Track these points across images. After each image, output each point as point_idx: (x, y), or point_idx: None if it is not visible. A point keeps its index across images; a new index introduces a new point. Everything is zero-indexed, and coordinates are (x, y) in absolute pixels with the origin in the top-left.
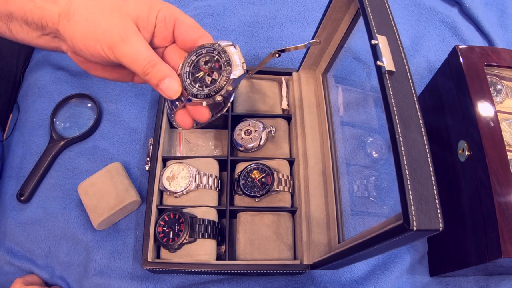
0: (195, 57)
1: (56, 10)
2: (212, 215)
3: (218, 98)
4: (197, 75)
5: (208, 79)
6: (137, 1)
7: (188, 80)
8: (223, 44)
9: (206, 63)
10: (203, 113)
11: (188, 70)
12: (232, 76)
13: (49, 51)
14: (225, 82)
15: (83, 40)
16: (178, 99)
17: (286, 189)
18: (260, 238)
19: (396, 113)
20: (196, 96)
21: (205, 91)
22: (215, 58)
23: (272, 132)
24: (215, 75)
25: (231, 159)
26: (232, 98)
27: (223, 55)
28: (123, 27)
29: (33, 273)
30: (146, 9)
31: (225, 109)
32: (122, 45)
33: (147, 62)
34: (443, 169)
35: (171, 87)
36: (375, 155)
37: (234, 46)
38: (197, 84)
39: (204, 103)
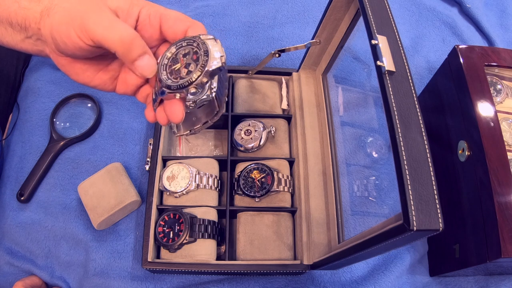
0: (174, 49)
1: (39, 9)
2: (212, 215)
3: (192, 89)
4: (173, 67)
5: (184, 71)
6: None
7: (164, 72)
8: (203, 37)
9: (184, 55)
10: (176, 110)
11: (166, 63)
12: (207, 67)
13: (34, 55)
14: (199, 73)
15: (57, 27)
16: (155, 93)
17: (286, 189)
18: (260, 238)
19: (396, 113)
20: (169, 87)
21: (179, 82)
22: (194, 50)
23: (272, 132)
24: (191, 67)
25: (231, 159)
26: (224, 99)
27: (201, 47)
28: (99, 9)
29: (33, 275)
30: (128, 3)
31: (220, 114)
32: (94, 16)
33: (125, 31)
34: (443, 169)
35: (149, 65)
36: (375, 155)
37: (215, 40)
38: (173, 76)
39: (178, 95)
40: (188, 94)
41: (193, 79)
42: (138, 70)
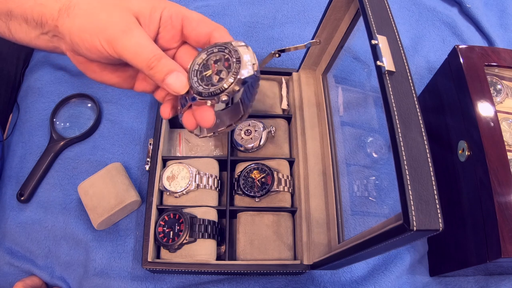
0: (205, 55)
1: (56, 6)
2: (212, 215)
3: (224, 97)
4: (204, 74)
5: (215, 78)
6: None
7: (195, 78)
8: (235, 44)
9: (216, 62)
10: (206, 116)
11: (196, 68)
12: (239, 76)
13: (48, 52)
14: (231, 81)
15: (79, 33)
16: (184, 98)
17: (286, 189)
18: (260, 238)
19: (396, 113)
20: (200, 94)
21: (210, 90)
22: (225, 57)
23: (272, 132)
24: (223, 74)
25: (231, 159)
26: (250, 105)
27: (233, 54)
28: (124, 20)
29: (33, 275)
30: (149, 7)
31: (244, 118)
32: (123, 37)
33: (152, 55)
34: (443, 169)
35: (179, 82)
36: (375, 155)
37: (247, 47)
38: (204, 83)
39: (209, 102)
40: (219, 102)
41: (225, 87)
42: (169, 88)
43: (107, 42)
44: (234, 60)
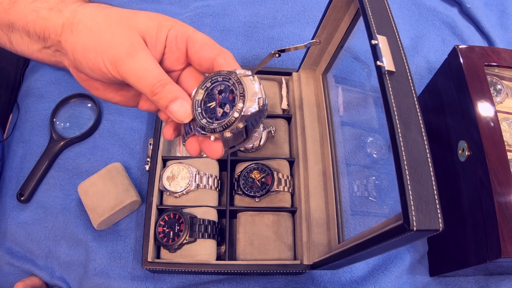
0: (210, 84)
1: (60, 21)
2: (212, 215)
3: (227, 134)
4: (208, 105)
5: (219, 111)
6: (146, 16)
7: (199, 109)
8: (239, 73)
9: (220, 92)
10: (214, 149)
11: (200, 98)
12: (244, 112)
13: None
14: (236, 117)
15: (83, 51)
16: (188, 126)
17: (286, 189)
18: (260, 238)
19: (396, 113)
20: (203, 128)
21: (213, 125)
22: (230, 89)
23: (272, 132)
24: (227, 108)
25: (231, 159)
26: (255, 130)
27: (237, 86)
28: (130, 41)
29: (33, 275)
30: (155, 26)
31: (247, 141)
32: (128, 59)
33: (157, 80)
34: (443, 169)
35: (183, 110)
36: (375, 155)
37: (253, 77)
38: (207, 115)
39: (212, 137)
40: (223, 137)
41: (228, 125)
42: (173, 115)
43: (111, 63)
44: (238, 93)
